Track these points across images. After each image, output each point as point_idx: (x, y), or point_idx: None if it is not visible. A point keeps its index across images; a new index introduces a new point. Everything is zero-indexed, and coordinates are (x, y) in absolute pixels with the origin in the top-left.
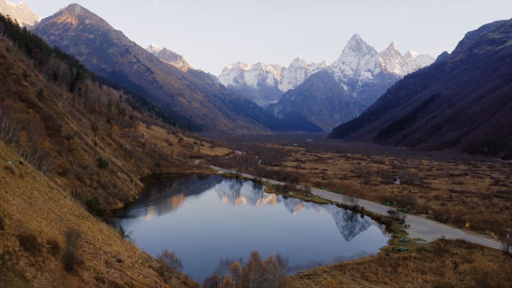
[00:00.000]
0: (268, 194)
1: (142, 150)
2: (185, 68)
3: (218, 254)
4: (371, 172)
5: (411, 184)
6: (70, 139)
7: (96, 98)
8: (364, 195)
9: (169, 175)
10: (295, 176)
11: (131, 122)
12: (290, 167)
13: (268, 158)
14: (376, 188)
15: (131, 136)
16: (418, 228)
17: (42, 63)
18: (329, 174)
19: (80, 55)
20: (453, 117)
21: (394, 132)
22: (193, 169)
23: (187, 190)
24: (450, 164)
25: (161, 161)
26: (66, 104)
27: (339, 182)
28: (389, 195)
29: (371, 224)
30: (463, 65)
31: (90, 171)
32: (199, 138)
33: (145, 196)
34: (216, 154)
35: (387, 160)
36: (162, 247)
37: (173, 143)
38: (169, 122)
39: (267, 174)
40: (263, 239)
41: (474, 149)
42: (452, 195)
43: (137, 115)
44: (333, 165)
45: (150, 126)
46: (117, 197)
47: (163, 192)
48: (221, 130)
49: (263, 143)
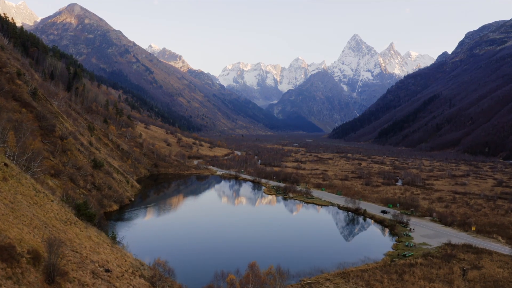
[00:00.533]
0: (268, 196)
1: (139, 150)
2: (185, 68)
3: (214, 261)
4: (372, 173)
5: (413, 185)
6: (64, 139)
7: (94, 97)
8: (366, 196)
9: (167, 176)
10: (295, 177)
11: (129, 122)
12: (290, 168)
13: (268, 158)
14: (378, 190)
15: (128, 136)
16: (423, 231)
17: (39, 62)
18: (330, 175)
19: (80, 55)
20: (453, 117)
21: (394, 132)
22: (191, 170)
23: (185, 192)
24: (451, 164)
25: (159, 162)
26: (62, 104)
27: (340, 183)
28: (391, 196)
29: (374, 227)
30: (463, 65)
31: (85, 172)
32: (198, 139)
33: (141, 198)
34: (215, 154)
35: (388, 161)
36: (156, 252)
37: (171, 143)
38: (168, 122)
39: (267, 175)
40: (262, 244)
41: (475, 149)
42: (455, 197)
43: (135, 115)
44: (334, 165)
45: (148, 126)
46: (112, 199)
47: (160, 193)
48: (220, 130)
49: (263, 143)
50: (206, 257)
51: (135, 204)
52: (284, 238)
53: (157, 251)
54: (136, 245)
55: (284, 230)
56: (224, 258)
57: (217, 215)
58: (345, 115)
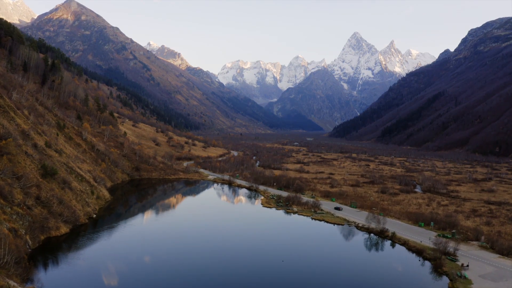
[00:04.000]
0: (266, 209)
1: (120, 151)
2: (184, 66)
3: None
4: (384, 177)
5: (436, 192)
6: (3, 140)
7: (73, 92)
8: (386, 210)
9: (150, 182)
10: (298, 184)
11: (111, 119)
12: (292, 171)
13: (267, 159)
14: (398, 200)
15: (108, 135)
16: (480, 269)
17: (12, 52)
18: (338, 180)
19: (76, 51)
20: (460, 116)
21: (398, 131)
22: (179, 174)
23: (164, 204)
24: (466, 166)
25: (141, 165)
26: (25, 97)
27: (351, 190)
28: (417, 209)
29: (409, 260)
30: (467, 62)
31: (27, 182)
32: (191, 137)
33: (107, 213)
34: (208, 155)
35: (397, 162)
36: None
37: (160, 142)
38: (164, 120)
39: (266, 181)
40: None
41: (485, 149)
42: (491, 209)
43: (125, 112)
44: (340, 167)
45: (137, 124)
46: (62, 219)
47: (132, 207)
48: (219, 129)
49: (262, 143)
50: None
51: (94, 224)
52: (288, 278)
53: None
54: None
55: (289, 267)
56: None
57: (198, 240)
58: (345, 113)
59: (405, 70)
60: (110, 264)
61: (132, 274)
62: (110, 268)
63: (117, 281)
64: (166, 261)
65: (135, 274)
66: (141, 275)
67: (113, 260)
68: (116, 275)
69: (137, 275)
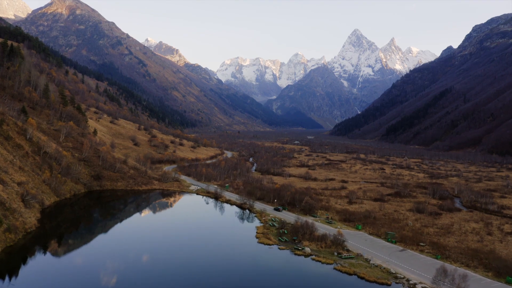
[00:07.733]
0: (264, 248)
1: (78, 154)
2: (182, 62)
3: None
4: (409, 186)
5: (485, 210)
6: None
7: (34, 82)
8: (438, 245)
9: (114, 194)
10: (308, 202)
11: (76, 114)
12: (296, 177)
13: (266, 162)
14: (444, 224)
15: (65, 134)
16: None
17: None
18: (355, 190)
19: (69, 46)
20: (470, 113)
21: (403, 129)
22: (152, 184)
23: (111, 236)
24: (490, 169)
25: (104, 172)
26: None
27: (376, 208)
28: (479, 243)
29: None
30: (473, 58)
31: None
32: (179, 136)
33: (16, 258)
34: (197, 157)
35: (413, 164)
36: None
37: (140, 142)
38: (157, 116)
39: (264, 194)
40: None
41: (501, 149)
42: None
43: (106, 107)
44: (351, 172)
45: (116, 120)
46: None
47: (62, 243)
48: (216, 126)
49: (261, 141)
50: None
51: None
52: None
53: None
54: None
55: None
56: None
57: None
58: (345, 111)
59: (406, 67)
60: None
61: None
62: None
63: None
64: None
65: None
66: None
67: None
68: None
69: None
